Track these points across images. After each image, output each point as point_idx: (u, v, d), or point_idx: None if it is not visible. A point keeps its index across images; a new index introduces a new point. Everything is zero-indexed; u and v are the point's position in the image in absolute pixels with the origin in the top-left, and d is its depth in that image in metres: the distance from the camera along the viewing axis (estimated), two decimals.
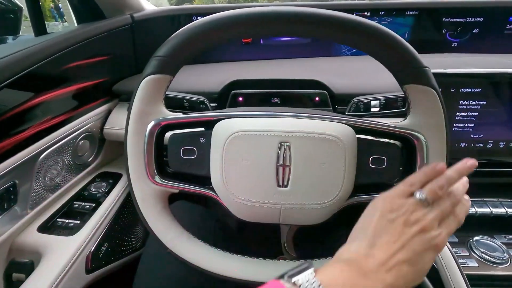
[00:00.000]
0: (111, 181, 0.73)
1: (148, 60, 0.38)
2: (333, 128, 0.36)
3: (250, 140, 0.36)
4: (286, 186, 0.37)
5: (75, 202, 0.65)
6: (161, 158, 0.42)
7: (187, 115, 0.41)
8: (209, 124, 0.40)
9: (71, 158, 0.65)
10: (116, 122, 0.71)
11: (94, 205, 0.65)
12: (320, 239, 0.70)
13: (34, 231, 0.57)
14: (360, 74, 0.70)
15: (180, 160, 0.41)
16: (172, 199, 0.42)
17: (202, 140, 0.41)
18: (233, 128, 0.37)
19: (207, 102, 0.61)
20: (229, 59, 0.84)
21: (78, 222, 0.60)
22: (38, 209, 0.59)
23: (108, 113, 0.73)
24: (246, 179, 0.37)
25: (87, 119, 0.67)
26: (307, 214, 0.38)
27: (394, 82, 0.36)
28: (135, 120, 0.39)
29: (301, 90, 0.60)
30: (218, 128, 0.39)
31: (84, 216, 0.62)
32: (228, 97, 0.63)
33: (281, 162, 0.37)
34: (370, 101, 0.57)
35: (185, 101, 0.59)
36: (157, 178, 0.40)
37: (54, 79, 0.58)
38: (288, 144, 0.36)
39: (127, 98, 0.75)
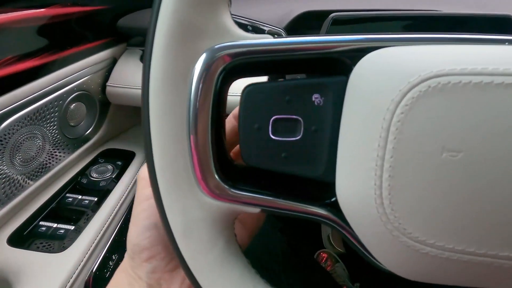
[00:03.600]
0: (120, 162, 0.53)
1: None
2: None
3: (471, 98, 0.13)
4: None
5: (67, 195, 0.46)
6: (223, 141, 0.19)
7: (292, 38, 0.17)
8: (338, 64, 0.17)
9: (58, 129, 0.45)
10: (125, 77, 0.53)
11: (96, 199, 0.46)
12: None
13: (2, 244, 0.38)
14: None
15: (268, 145, 0.18)
16: None
17: (317, 99, 0.19)
18: (423, 66, 0.14)
19: (284, 34, 0.36)
20: None
21: (72, 227, 0.42)
22: (7, 209, 0.40)
23: (113, 63, 0.54)
24: (447, 199, 0.14)
25: (80, 70, 0.46)
26: None
27: None
28: (167, 46, 0.16)
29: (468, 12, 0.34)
30: (369, 68, 0.16)
31: (82, 216, 0.43)
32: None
33: None
34: None
35: (250, 28, 0.35)
36: (220, 185, 0.17)
37: None
38: None
39: (140, 42, 0.56)
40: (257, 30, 0.35)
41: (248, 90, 0.19)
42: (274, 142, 0.19)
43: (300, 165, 0.19)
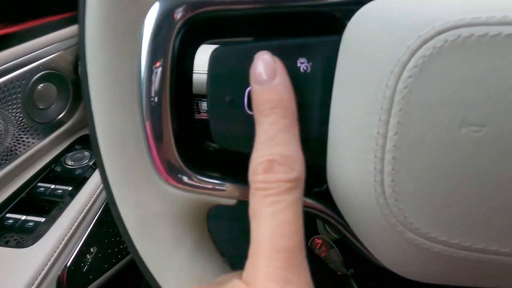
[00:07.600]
0: None
1: None
2: None
3: (501, 55, 0.10)
4: None
5: (39, 185, 0.42)
6: (189, 117, 0.15)
7: None
8: (330, 22, 0.14)
9: (24, 112, 0.40)
10: None
11: (70, 188, 0.42)
12: None
13: None
14: None
15: (243, 121, 0.14)
16: None
17: (304, 65, 0.15)
18: (438, 15, 0.10)
19: None
20: None
21: (43, 218, 0.38)
22: None
23: None
24: (466, 187, 0.10)
25: (46, 46, 0.41)
26: None
27: None
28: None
29: None
30: (367, 22, 0.12)
31: (54, 207, 0.39)
32: None
33: None
34: None
35: None
36: (183, 171, 0.14)
37: None
38: None
39: None
40: None
41: (217, 54, 0.15)
42: (250, 118, 0.15)
43: None
